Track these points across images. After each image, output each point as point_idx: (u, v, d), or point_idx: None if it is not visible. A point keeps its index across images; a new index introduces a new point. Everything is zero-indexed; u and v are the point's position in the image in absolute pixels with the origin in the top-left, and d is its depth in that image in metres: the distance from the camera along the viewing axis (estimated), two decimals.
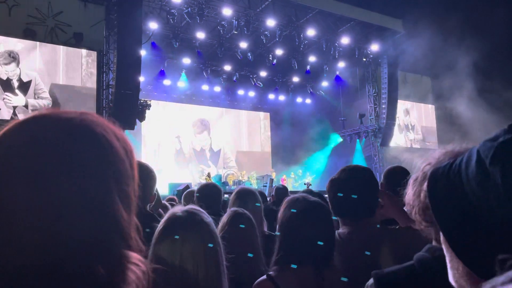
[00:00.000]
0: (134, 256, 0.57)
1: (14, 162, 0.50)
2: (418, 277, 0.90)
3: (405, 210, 2.10)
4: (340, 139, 18.32)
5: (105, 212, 0.54)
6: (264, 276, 1.51)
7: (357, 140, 17.29)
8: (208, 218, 1.25)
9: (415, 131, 19.76)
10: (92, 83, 12.08)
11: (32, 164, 0.50)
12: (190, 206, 1.28)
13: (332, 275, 1.51)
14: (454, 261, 0.60)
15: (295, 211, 1.57)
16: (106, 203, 0.54)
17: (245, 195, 2.60)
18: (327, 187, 1.84)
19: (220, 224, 2.01)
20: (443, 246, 0.65)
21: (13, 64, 11.00)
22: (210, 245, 1.19)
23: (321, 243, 1.49)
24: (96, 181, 0.54)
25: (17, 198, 0.48)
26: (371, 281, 0.94)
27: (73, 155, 0.53)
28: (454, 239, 0.59)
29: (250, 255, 1.70)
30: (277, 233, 1.62)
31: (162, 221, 1.23)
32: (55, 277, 0.48)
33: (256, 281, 1.51)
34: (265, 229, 2.53)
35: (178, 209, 1.25)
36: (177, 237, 1.16)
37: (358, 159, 17.18)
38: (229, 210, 2.11)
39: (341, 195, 1.73)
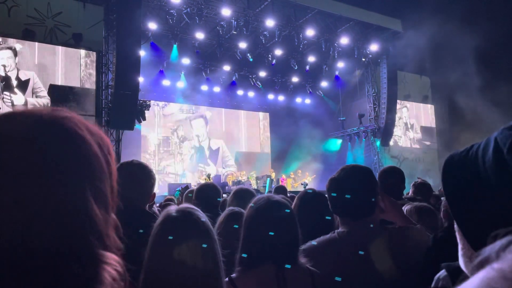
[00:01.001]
0: (110, 257, 0.54)
1: None
2: None
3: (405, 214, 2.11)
4: (339, 140, 18.33)
5: (77, 210, 0.52)
6: (226, 279, 1.49)
7: (357, 140, 17.30)
8: (203, 216, 1.25)
9: (414, 131, 19.78)
10: (91, 84, 12.08)
11: None
12: (185, 205, 1.27)
13: (295, 274, 1.50)
14: (466, 249, 0.60)
15: (256, 209, 1.57)
16: (77, 201, 0.52)
17: (243, 195, 2.60)
18: (326, 186, 1.84)
19: (217, 223, 2.01)
20: (457, 234, 0.64)
21: (9, 51, 10.95)
22: (204, 245, 1.18)
23: (282, 242, 1.49)
24: (66, 178, 0.52)
25: None
26: (442, 273, 0.93)
27: (40, 151, 0.51)
28: (467, 226, 0.59)
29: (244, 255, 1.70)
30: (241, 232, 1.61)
31: (158, 221, 1.23)
32: (26, 279, 0.46)
33: None
34: None
35: (173, 208, 1.25)
36: (170, 237, 1.16)
37: (358, 159, 17.19)
38: (226, 210, 2.12)
39: (338, 194, 1.74)
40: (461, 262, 0.63)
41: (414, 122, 19.82)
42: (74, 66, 11.91)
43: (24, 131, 0.52)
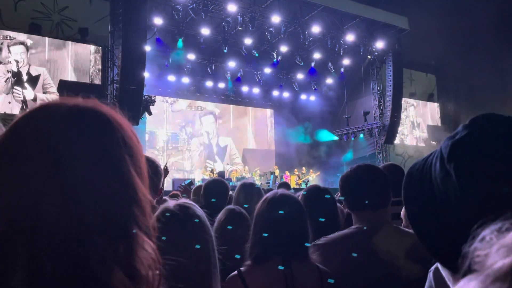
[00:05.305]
0: (149, 244, 0.57)
1: (28, 150, 0.51)
2: None
3: None
4: (344, 138, 18.28)
5: (125, 185, 0.54)
6: (235, 272, 1.52)
7: (361, 137, 17.24)
8: (200, 211, 1.26)
9: (420, 129, 19.69)
10: (100, 80, 12.14)
11: (45, 149, 0.51)
12: (183, 200, 1.29)
13: (303, 271, 1.50)
14: None
15: (266, 204, 1.59)
16: (125, 176, 0.55)
17: (249, 188, 2.63)
18: (343, 181, 1.85)
19: (216, 222, 2.02)
20: None
21: (21, 46, 11.02)
22: (199, 240, 1.19)
23: (290, 237, 1.50)
24: (112, 156, 0.55)
25: (35, 181, 0.49)
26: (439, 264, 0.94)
27: (84, 134, 0.54)
28: (420, 231, 0.61)
29: (237, 256, 1.72)
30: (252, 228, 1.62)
31: (154, 215, 1.24)
32: (75, 254, 0.48)
33: (228, 277, 1.52)
34: None
35: (171, 203, 1.26)
36: (166, 231, 1.16)
37: (361, 157, 17.17)
38: (224, 209, 2.12)
39: (357, 188, 1.76)
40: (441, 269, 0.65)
41: (420, 120, 19.73)
42: (83, 62, 11.97)
43: (65, 117, 0.55)
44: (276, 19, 13.16)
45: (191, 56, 14.87)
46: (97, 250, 0.49)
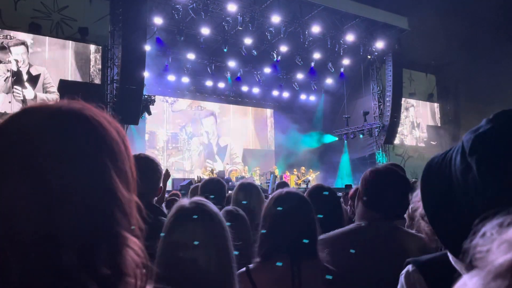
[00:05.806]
0: (133, 241, 0.57)
1: (6, 153, 0.51)
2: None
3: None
4: (345, 138, 18.27)
5: (104, 189, 0.54)
6: (244, 268, 1.53)
7: (361, 137, 17.22)
8: (215, 208, 1.27)
9: (420, 129, 19.68)
10: (100, 80, 12.14)
11: (25, 153, 0.51)
12: (197, 198, 1.30)
13: (311, 270, 1.51)
14: None
15: (273, 202, 1.60)
16: (104, 180, 0.55)
17: (248, 187, 2.62)
18: (372, 177, 1.79)
19: None
20: None
21: (22, 47, 11.02)
22: (218, 237, 1.19)
23: (298, 236, 1.51)
24: (91, 160, 0.55)
25: (14, 186, 0.50)
26: (410, 268, 0.92)
27: (65, 139, 0.54)
28: (435, 222, 0.61)
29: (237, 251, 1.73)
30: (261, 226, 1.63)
31: (171, 213, 1.24)
32: (55, 256, 0.49)
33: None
34: None
35: (185, 201, 1.27)
36: (185, 228, 1.16)
37: (361, 157, 17.16)
38: (222, 211, 2.13)
39: (383, 189, 1.75)
40: (449, 256, 0.65)
41: (420, 121, 19.73)
42: (84, 62, 11.97)
43: (45, 121, 0.55)
44: (276, 19, 13.15)
45: (191, 56, 14.87)
46: (72, 252, 0.49)
